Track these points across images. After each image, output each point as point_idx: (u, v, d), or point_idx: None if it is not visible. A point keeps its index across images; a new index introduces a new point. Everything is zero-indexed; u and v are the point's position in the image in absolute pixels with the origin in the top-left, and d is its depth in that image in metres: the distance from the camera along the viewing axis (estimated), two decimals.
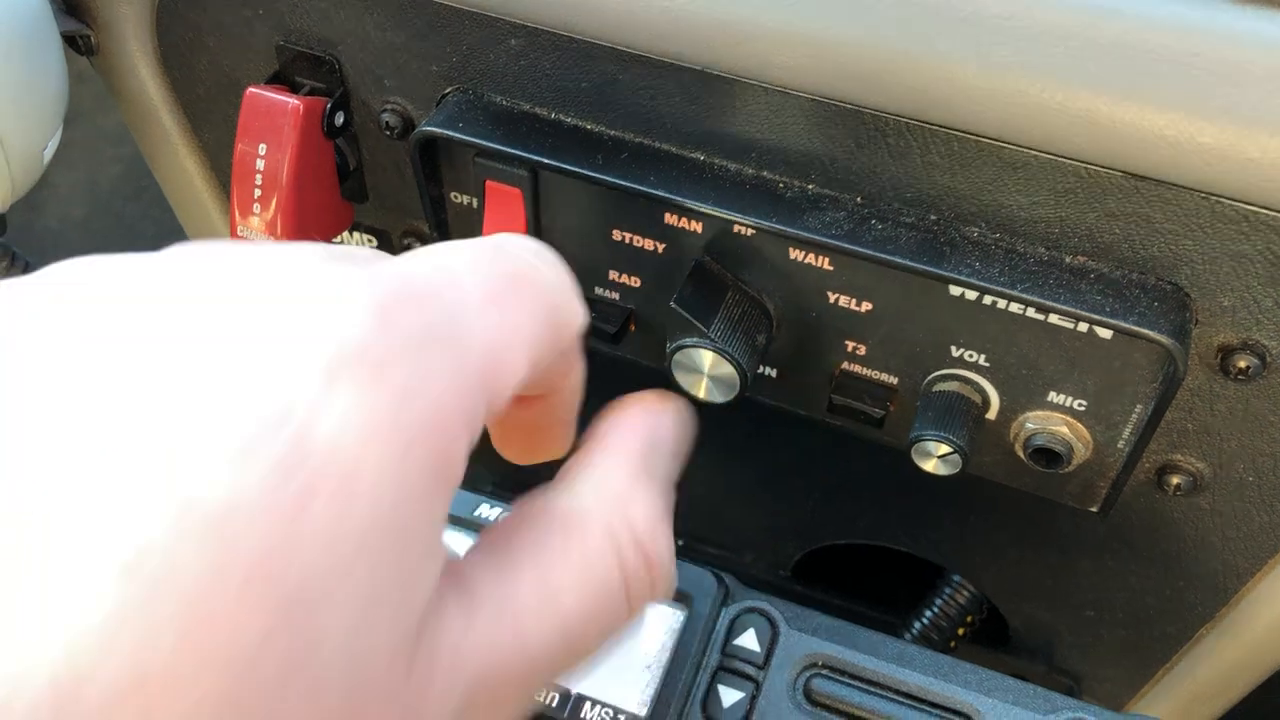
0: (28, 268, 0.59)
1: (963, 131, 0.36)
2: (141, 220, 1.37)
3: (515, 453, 0.30)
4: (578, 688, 0.39)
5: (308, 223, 0.47)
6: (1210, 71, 0.34)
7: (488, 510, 0.38)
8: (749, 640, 0.41)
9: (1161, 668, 0.53)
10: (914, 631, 0.57)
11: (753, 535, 0.62)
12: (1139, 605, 0.51)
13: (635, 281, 0.44)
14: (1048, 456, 0.41)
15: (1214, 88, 0.33)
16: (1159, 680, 0.54)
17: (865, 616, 0.42)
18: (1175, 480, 0.43)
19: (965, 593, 0.56)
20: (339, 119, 0.46)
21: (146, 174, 0.63)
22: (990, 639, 0.59)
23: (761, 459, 0.45)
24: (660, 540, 0.25)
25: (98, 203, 1.37)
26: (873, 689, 0.40)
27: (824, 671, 0.40)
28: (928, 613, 0.57)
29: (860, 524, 0.57)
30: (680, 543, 0.63)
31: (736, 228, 0.40)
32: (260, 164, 0.44)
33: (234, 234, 0.47)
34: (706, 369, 0.40)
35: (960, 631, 0.57)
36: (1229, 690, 0.52)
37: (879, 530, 0.57)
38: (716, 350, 0.40)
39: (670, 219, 0.41)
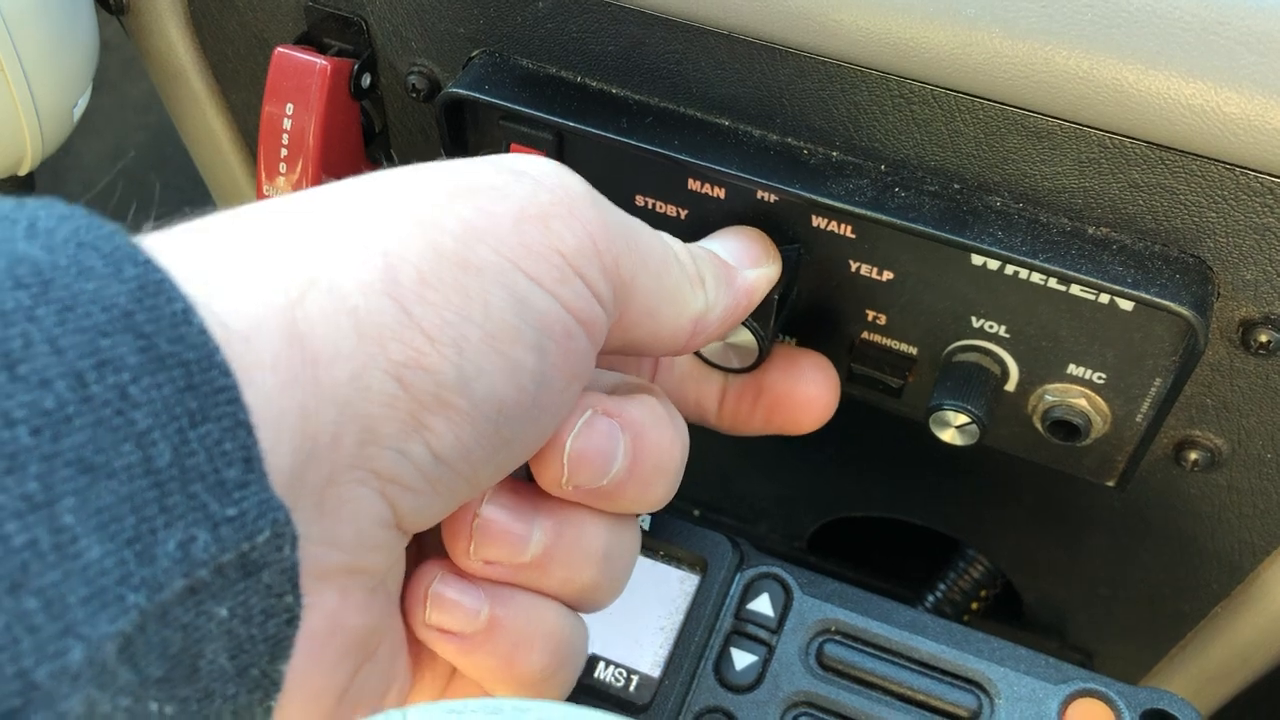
0: None
1: (988, 99, 0.36)
2: (165, 189, 1.38)
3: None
4: (592, 648, 0.39)
5: None
6: (1237, 41, 0.33)
7: None
8: (763, 605, 0.41)
9: (1175, 645, 0.53)
10: (927, 605, 0.57)
11: (768, 506, 0.62)
12: (1153, 582, 0.51)
13: None
14: (1066, 429, 0.41)
15: (1241, 57, 0.33)
16: (1172, 658, 0.54)
17: (879, 590, 0.42)
18: (1193, 456, 0.43)
19: (979, 567, 0.57)
20: (365, 80, 0.46)
21: (171, 143, 0.64)
22: (1004, 614, 0.59)
23: None
24: None
25: (122, 171, 1.38)
26: (885, 655, 0.40)
27: (837, 637, 0.40)
28: (941, 586, 0.57)
29: (876, 496, 0.57)
30: (696, 513, 0.63)
31: (759, 194, 0.40)
32: (287, 124, 0.45)
33: (259, 195, 0.47)
34: (725, 336, 0.41)
35: (974, 606, 0.57)
36: (1242, 669, 0.52)
37: (895, 503, 0.57)
38: None
39: (693, 184, 0.41)
